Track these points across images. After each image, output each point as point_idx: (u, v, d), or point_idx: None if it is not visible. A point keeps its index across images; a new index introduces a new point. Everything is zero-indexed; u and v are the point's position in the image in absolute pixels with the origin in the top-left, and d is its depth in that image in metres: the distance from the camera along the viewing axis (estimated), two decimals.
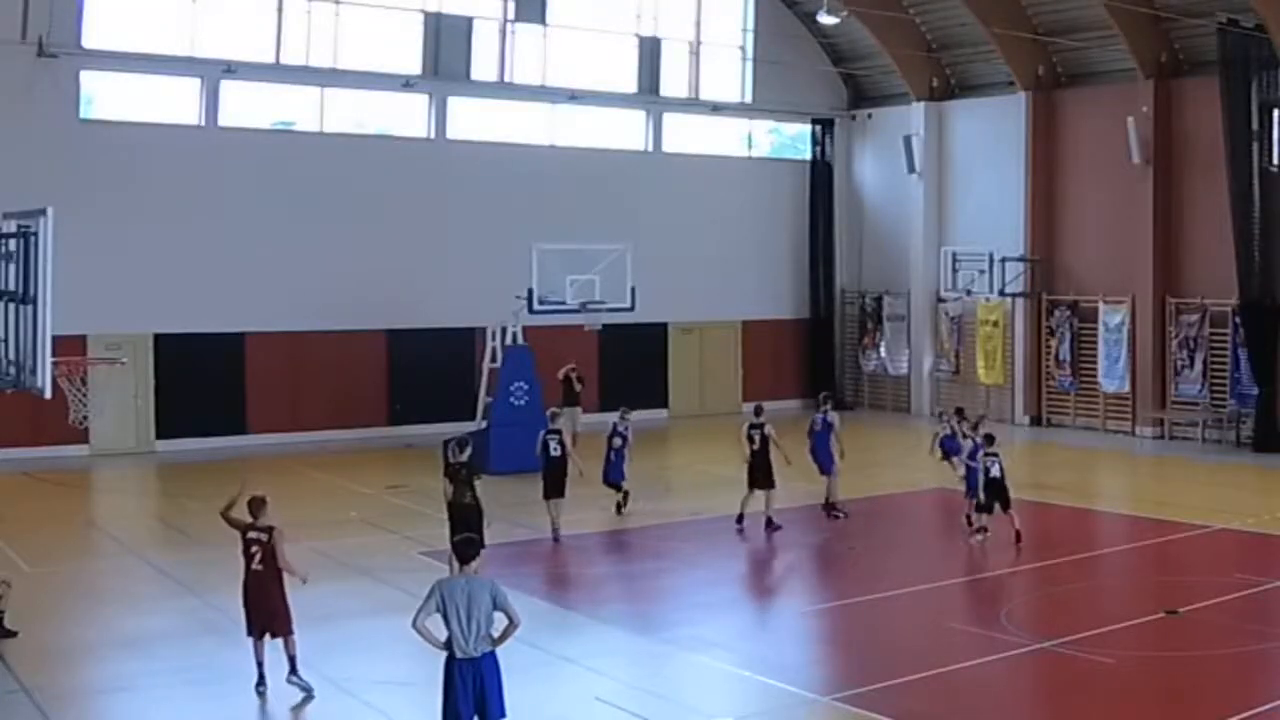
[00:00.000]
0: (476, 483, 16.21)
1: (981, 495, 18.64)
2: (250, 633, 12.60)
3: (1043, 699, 13.10)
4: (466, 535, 11.10)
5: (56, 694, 12.58)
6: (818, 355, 36.27)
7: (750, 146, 36.14)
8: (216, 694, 12.80)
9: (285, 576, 12.55)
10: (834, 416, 21.17)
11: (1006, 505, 18.54)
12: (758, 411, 20.30)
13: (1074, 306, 31.35)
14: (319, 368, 29.22)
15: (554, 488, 19.40)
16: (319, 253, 29.21)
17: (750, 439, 19.66)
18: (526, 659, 13.74)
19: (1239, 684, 12.89)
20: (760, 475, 19.60)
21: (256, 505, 12.58)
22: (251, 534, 12.54)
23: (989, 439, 19.07)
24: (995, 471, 18.42)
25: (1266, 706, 11.97)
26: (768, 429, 19.67)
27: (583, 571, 18.46)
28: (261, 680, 12.51)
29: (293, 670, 12.48)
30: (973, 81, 34.27)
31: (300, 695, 12.43)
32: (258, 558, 12.45)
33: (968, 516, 19.19)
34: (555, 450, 19.43)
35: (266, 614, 12.47)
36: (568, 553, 19.12)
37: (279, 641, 12.54)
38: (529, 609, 15.91)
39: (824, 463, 20.83)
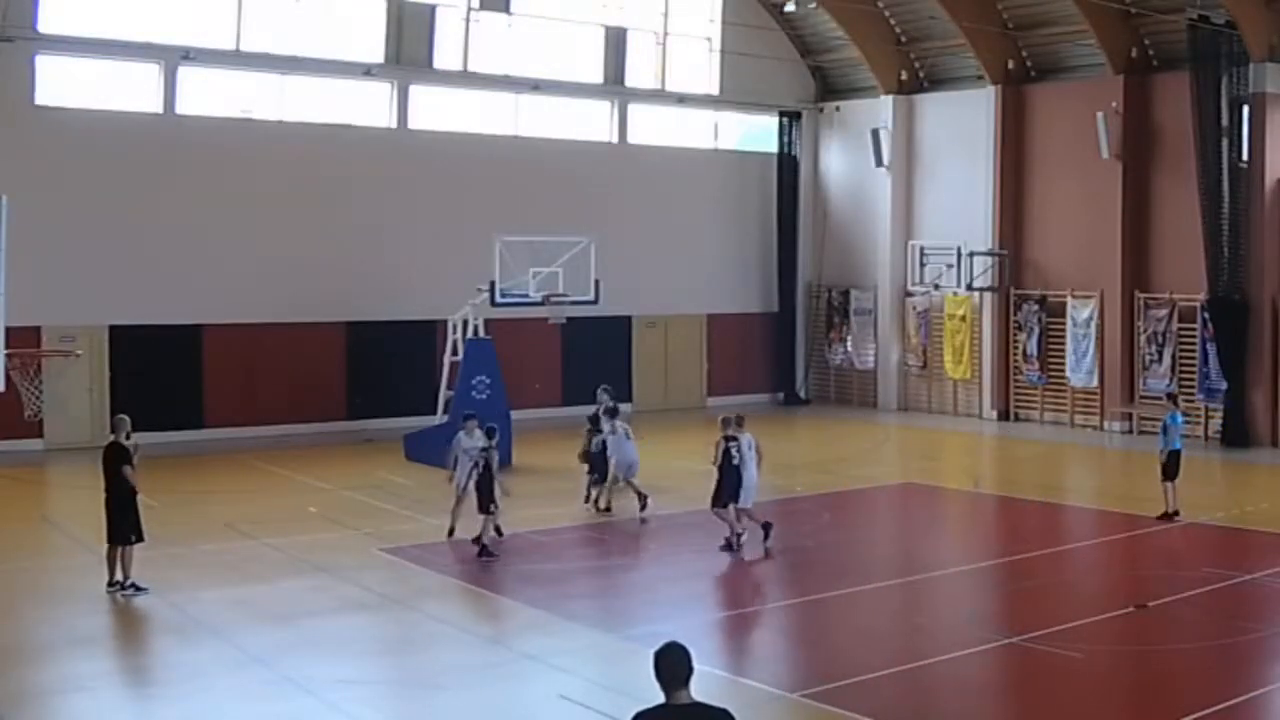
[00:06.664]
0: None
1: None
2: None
3: (1011, 694, 12.96)
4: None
5: (9, 695, 12.19)
6: (783, 349, 36.11)
7: (717, 138, 35.89)
8: (172, 695, 12.47)
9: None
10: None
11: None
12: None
13: (1042, 301, 31.29)
14: (277, 360, 28.74)
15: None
16: (277, 244, 28.75)
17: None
18: (490, 657, 13.49)
19: (1207, 678, 12.82)
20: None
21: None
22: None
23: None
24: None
25: (1234, 700, 11.91)
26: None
27: (547, 568, 18.18)
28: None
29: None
30: (942, 75, 34.15)
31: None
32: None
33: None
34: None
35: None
36: (531, 549, 18.84)
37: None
38: (493, 606, 15.73)
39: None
